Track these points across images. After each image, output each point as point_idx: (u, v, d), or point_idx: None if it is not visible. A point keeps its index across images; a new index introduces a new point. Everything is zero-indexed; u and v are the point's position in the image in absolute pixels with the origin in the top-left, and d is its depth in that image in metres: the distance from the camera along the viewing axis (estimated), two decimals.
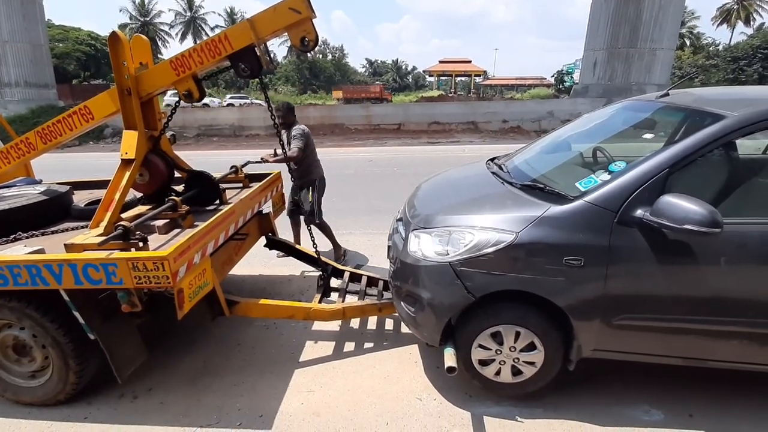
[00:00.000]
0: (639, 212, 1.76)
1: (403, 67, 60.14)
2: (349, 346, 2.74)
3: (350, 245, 4.41)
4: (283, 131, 3.78)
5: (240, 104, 25.11)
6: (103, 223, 2.12)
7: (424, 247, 2.13)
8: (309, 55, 49.62)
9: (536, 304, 1.97)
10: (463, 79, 43.42)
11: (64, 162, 10.80)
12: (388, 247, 2.60)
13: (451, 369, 2.00)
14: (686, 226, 1.59)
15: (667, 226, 1.66)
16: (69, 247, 1.95)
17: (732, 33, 42.50)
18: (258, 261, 4.10)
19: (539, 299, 1.93)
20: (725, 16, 42.33)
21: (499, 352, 2.08)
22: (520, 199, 2.12)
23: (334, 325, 2.98)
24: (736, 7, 40.81)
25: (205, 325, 2.99)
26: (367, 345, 2.75)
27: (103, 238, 1.94)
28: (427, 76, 51.47)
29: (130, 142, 2.36)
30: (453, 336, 2.14)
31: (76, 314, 1.98)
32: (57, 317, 2.04)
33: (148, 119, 2.50)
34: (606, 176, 1.95)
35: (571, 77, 28.06)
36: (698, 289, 1.83)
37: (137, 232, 2.02)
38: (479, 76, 44.33)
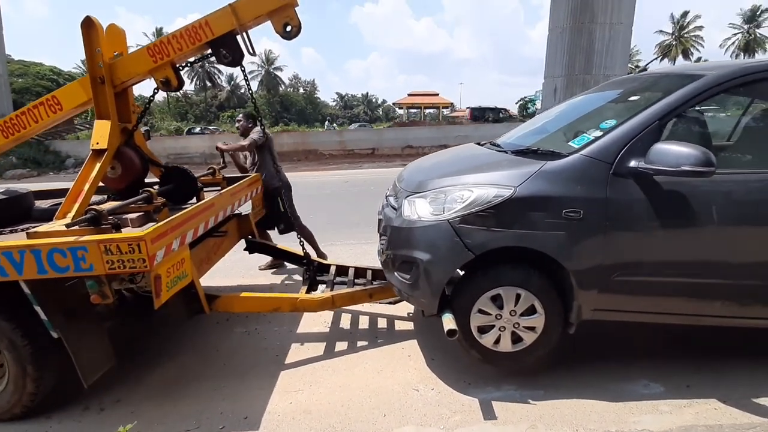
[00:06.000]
0: (633, 162, 1.81)
1: (373, 100, 61.72)
2: (340, 346, 2.59)
3: (333, 255, 4.27)
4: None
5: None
6: (70, 214, 1.95)
7: (419, 209, 2.09)
8: (281, 88, 50.11)
9: (536, 266, 1.95)
10: (431, 111, 44.95)
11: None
12: (379, 221, 2.54)
13: (451, 332, 1.93)
14: (682, 167, 1.63)
15: (663, 171, 1.70)
16: (31, 235, 1.77)
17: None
18: (236, 272, 3.91)
19: (538, 261, 1.90)
20: (665, 52, 46.40)
21: (498, 317, 2.03)
22: (516, 160, 2.14)
23: (322, 327, 2.83)
24: (674, 43, 44.88)
25: (178, 333, 2.78)
26: (360, 344, 2.61)
27: (70, 221, 1.79)
28: (397, 109, 52.95)
29: (102, 131, 2.25)
30: (450, 305, 2.08)
31: (38, 309, 1.78)
32: (14, 316, 1.83)
33: (121, 111, 2.39)
34: (598, 133, 1.99)
35: (534, 104, 29.62)
36: (691, 241, 1.87)
37: (109, 218, 1.88)
38: (446, 108, 46.04)
